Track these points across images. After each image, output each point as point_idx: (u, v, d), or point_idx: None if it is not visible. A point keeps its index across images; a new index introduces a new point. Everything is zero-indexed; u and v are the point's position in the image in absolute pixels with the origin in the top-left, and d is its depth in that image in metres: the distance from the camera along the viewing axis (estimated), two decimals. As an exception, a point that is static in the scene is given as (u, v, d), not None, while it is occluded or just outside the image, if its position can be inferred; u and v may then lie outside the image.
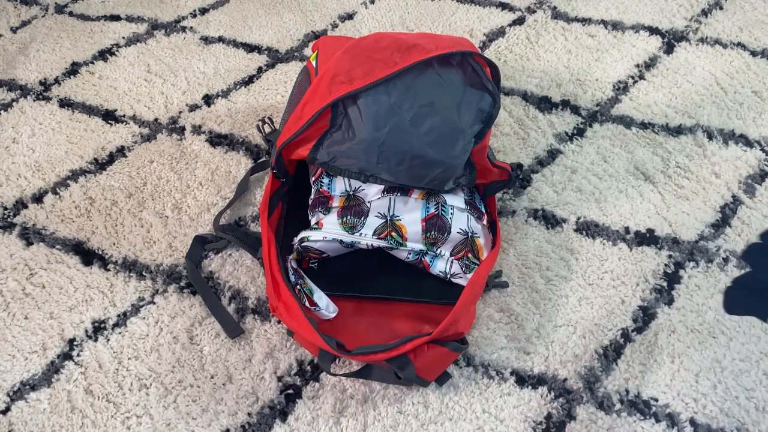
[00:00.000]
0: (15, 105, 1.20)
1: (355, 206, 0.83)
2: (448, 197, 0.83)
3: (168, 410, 0.75)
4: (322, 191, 0.85)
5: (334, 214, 0.83)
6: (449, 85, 0.78)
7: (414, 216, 0.82)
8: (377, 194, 0.83)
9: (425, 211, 0.82)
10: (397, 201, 0.82)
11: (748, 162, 0.99)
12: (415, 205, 0.82)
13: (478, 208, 0.86)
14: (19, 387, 0.78)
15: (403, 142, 0.77)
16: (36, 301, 0.87)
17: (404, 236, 0.82)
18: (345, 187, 0.84)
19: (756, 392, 0.74)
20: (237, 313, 0.84)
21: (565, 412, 0.73)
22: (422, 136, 0.77)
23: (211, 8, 1.44)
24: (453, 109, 0.78)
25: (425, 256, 0.83)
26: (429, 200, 0.83)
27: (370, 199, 0.83)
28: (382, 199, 0.82)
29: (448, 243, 0.82)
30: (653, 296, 0.83)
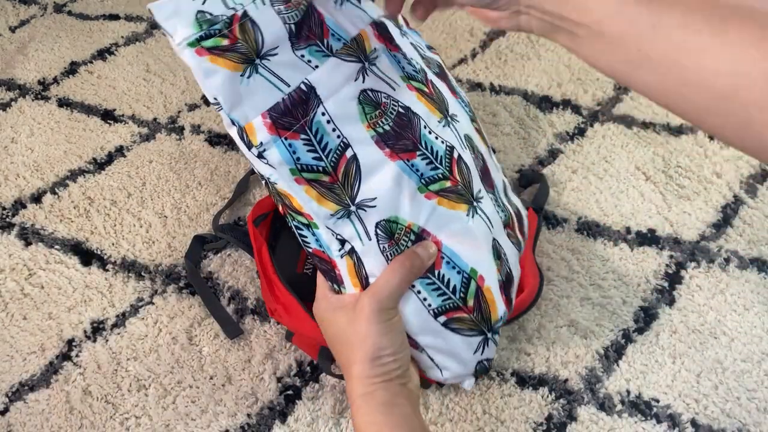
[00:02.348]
0: (14, 104, 1.20)
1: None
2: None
3: (167, 411, 0.75)
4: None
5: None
6: None
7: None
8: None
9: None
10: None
11: (750, 162, 0.99)
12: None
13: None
14: (18, 388, 0.78)
15: None
16: (35, 302, 0.87)
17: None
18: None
19: (758, 393, 0.73)
20: (236, 314, 0.84)
21: (566, 413, 0.73)
22: None
23: (210, 7, 1.44)
24: None
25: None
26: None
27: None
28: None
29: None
30: (654, 296, 0.83)
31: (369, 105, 0.56)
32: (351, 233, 0.57)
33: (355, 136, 0.56)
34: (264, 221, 0.84)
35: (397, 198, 0.57)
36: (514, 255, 0.67)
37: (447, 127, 0.61)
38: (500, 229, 0.65)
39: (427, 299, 0.59)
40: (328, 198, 0.56)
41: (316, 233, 0.59)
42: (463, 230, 0.60)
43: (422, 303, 0.59)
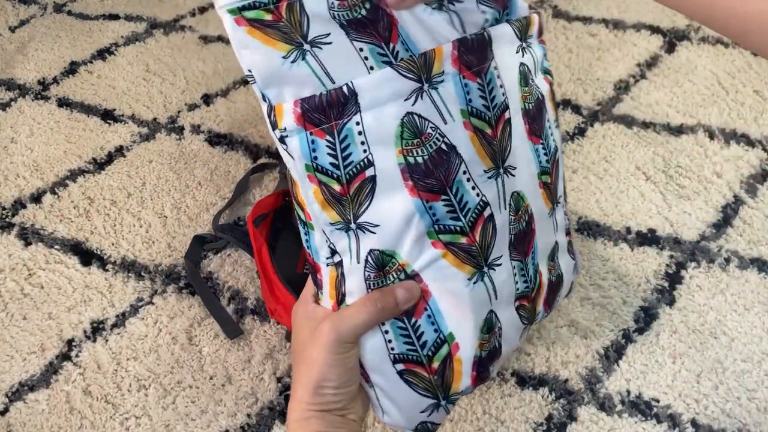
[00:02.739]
0: (13, 104, 1.20)
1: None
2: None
3: (167, 411, 0.75)
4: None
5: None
6: None
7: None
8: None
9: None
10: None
11: (750, 162, 0.99)
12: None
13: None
14: (18, 388, 0.78)
15: None
16: (34, 302, 0.87)
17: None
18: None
19: (758, 393, 0.73)
20: (236, 314, 0.84)
21: (567, 413, 0.73)
22: None
23: (210, 7, 1.44)
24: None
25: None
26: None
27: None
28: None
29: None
30: (655, 296, 0.83)
31: (410, 130, 0.50)
32: (344, 247, 0.53)
33: (382, 157, 0.51)
34: (264, 221, 0.84)
35: (402, 235, 0.52)
36: (516, 329, 0.59)
37: (494, 179, 0.54)
38: (508, 301, 0.57)
39: (392, 342, 0.54)
40: (332, 206, 0.52)
41: (309, 234, 0.55)
42: (459, 293, 0.54)
43: (386, 343, 0.54)
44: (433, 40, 0.51)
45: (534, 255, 0.59)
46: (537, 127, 0.57)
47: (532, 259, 0.59)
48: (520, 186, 0.56)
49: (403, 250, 0.52)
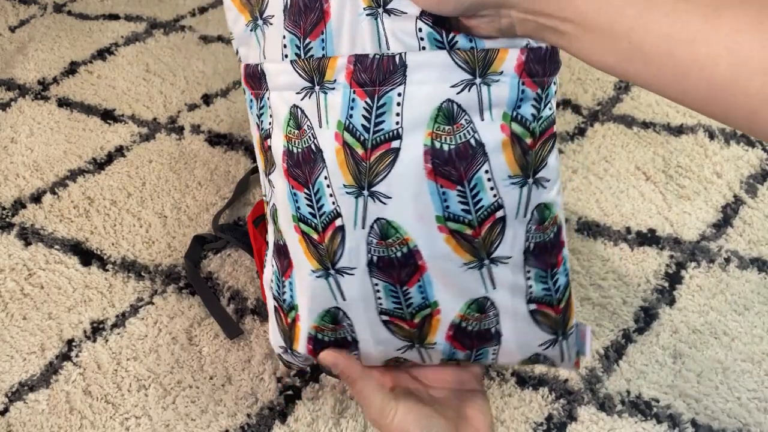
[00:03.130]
0: (13, 104, 1.20)
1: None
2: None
3: (167, 411, 0.75)
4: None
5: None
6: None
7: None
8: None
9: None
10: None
11: (750, 162, 0.99)
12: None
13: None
14: (18, 388, 0.78)
15: None
16: (34, 302, 0.87)
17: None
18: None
19: (758, 393, 0.73)
20: (236, 314, 0.84)
21: (567, 413, 0.73)
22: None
23: (210, 7, 1.44)
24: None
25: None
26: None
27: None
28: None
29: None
30: (655, 296, 0.83)
31: (294, 120, 0.54)
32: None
33: (275, 135, 0.56)
34: (264, 221, 0.84)
35: (275, 212, 0.59)
36: (387, 339, 0.59)
37: (353, 197, 0.54)
38: (366, 309, 0.58)
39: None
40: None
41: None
42: (302, 278, 0.57)
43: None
44: (352, 47, 0.52)
45: (423, 289, 0.57)
46: (453, 171, 0.52)
47: (419, 290, 0.57)
48: (392, 216, 0.54)
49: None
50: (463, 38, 0.50)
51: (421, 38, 0.51)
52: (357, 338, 0.59)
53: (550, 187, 0.55)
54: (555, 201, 0.56)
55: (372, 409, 0.57)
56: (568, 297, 0.59)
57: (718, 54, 0.38)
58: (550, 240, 0.57)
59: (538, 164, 0.54)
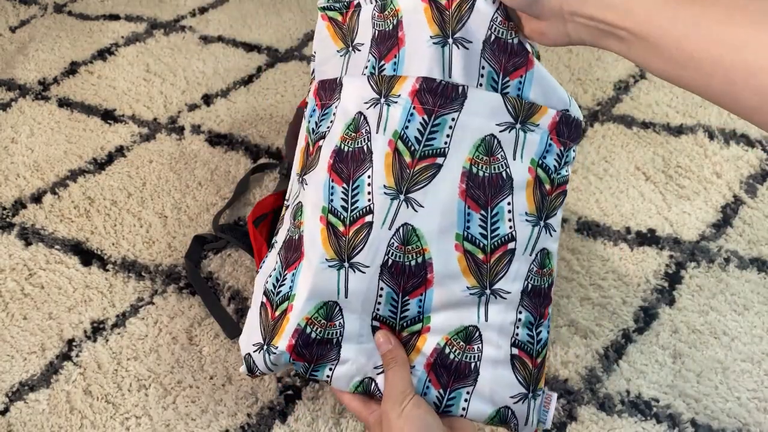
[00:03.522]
0: (14, 104, 1.20)
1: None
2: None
3: (167, 411, 0.75)
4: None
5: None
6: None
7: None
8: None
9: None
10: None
11: (750, 162, 0.99)
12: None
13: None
14: (18, 388, 0.78)
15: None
16: (35, 302, 0.87)
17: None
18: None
19: (758, 393, 0.73)
20: (236, 314, 0.84)
21: (566, 413, 0.73)
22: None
23: (210, 7, 1.44)
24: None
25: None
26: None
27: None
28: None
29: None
30: (654, 296, 0.83)
31: (354, 124, 0.61)
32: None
33: (332, 133, 0.62)
34: (264, 221, 0.84)
35: (307, 199, 0.63)
36: (372, 348, 0.61)
37: (389, 198, 0.59)
38: (362, 311, 0.60)
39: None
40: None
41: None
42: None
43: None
44: (419, 68, 0.59)
45: (423, 303, 0.60)
46: (482, 196, 0.59)
47: (418, 304, 0.60)
48: (419, 224, 0.59)
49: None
50: (513, 86, 0.59)
51: (482, 75, 0.59)
52: (341, 342, 0.61)
53: (555, 237, 0.62)
54: (555, 252, 0.62)
55: (396, 392, 0.58)
56: (545, 355, 0.62)
57: (766, 61, 0.39)
58: (544, 288, 0.61)
59: (551, 211, 0.61)
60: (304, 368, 0.61)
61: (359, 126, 0.60)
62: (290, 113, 1.12)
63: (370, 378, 0.61)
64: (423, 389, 0.60)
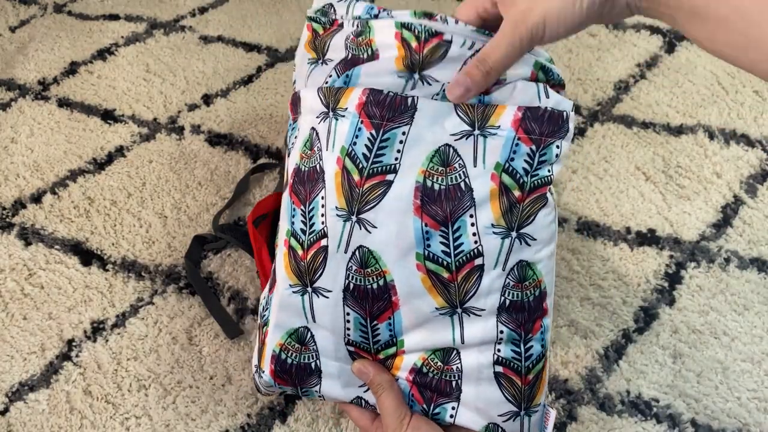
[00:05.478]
0: (13, 104, 1.20)
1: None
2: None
3: (167, 411, 0.75)
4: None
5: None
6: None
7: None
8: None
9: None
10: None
11: (750, 162, 0.99)
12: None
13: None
14: (18, 388, 0.78)
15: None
16: (35, 302, 0.87)
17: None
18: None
19: (758, 393, 0.73)
20: (236, 314, 0.84)
21: (566, 413, 0.73)
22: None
23: (210, 7, 1.44)
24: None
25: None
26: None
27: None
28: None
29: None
30: (654, 296, 0.83)
31: (308, 141, 0.59)
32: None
33: (294, 151, 0.61)
34: (264, 222, 0.84)
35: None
36: (349, 370, 0.61)
37: (342, 220, 0.56)
38: (333, 332, 0.59)
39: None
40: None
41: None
42: (279, 291, 0.59)
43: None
44: (373, 82, 0.56)
45: (393, 326, 0.57)
46: (440, 212, 0.54)
47: (388, 327, 0.58)
48: (374, 246, 0.55)
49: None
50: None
51: (438, 93, 0.56)
52: (320, 366, 0.60)
53: (537, 247, 0.55)
54: (540, 262, 0.56)
55: (393, 419, 0.57)
56: (540, 370, 0.57)
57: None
58: (528, 302, 0.56)
59: (525, 219, 0.55)
60: (293, 391, 0.62)
61: (313, 143, 0.58)
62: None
63: (359, 397, 0.61)
64: (408, 402, 0.59)
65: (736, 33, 0.42)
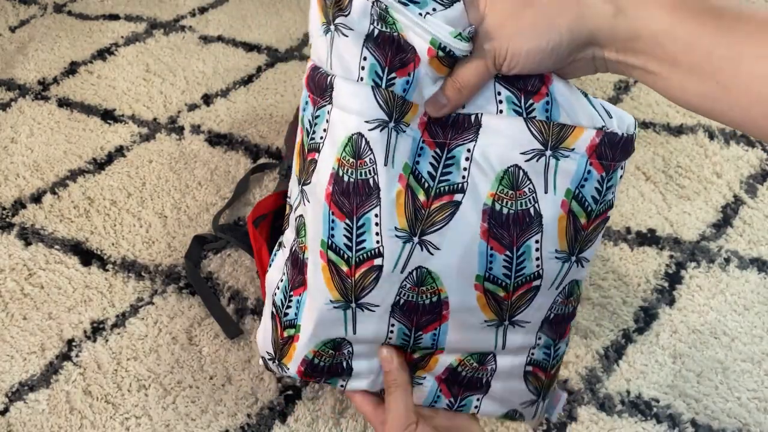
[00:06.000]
0: (13, 104, 1.20)
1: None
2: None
3: (167, 411, 0.75)
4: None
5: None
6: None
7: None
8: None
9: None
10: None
11: (750, 162, 0.99)
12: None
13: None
14: (18, 388, 0.78)
15: None
16: (35, 302, 0.87)
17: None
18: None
19: (758, 393, 0.73)
20: (236, 314, 0.84)
21: (566, 413, 0.73)
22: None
23: (210, 7, 1.44)
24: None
25: None
26: None
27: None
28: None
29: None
30: (655, 296, 0.83)
31: (351, 147, 0.51)
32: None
33: (325, 152, 0.53)
34: (264, 222, 0.84)
35: (301, 230, 0.57)
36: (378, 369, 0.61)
37: (401, 241, 0.53)
38: (373, 341, 0.59)
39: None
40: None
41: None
42: (316, 305, 0.56)
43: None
44: (428, 95, 0.50)
45: (437, 336, 0.57)
46: (506, 236, 0.52)
47: (432, 337, 0.57)
48: (435, 267, 0.53)
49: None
50: (540, 108, 0.50)
51: (500, 101, 0.50)
52: (352, 366, 0.59)
53: (587, 265, 0.56)
54: (584, 278, 0.57)
55: (399, 422, 0.58)
56: (559, 364, 0.60)
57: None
58: (568, 313, 0.57)
59: (586, 244, 0.55)
60: (316, 381, 0.61)
61: (361, 152, 0.51)
62: (290, 113, 1.12)
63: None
64: (434, 398, 0.59)
65: (709, 82, 0.42)
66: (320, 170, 0.53)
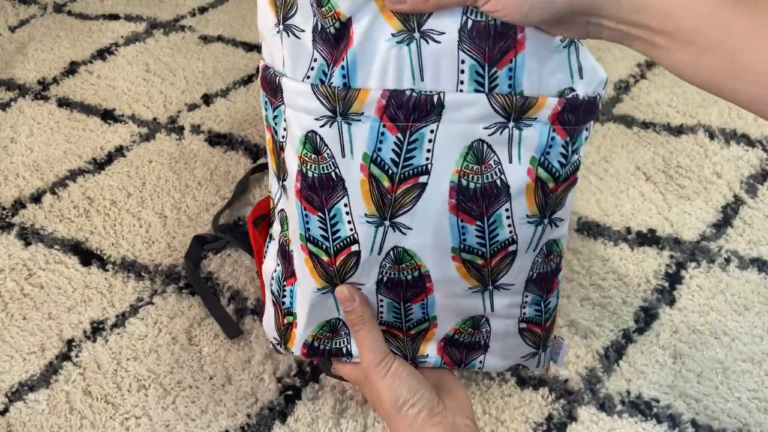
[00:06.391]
0: (13, 104, 1.20)
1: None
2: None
3: (167, 411, 0.75)
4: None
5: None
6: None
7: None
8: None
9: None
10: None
11: (750, 162, 0.99)
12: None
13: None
14: (18, 388, 0.78)
15: None
16: (34, 302, 0.87)
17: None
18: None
19: (758, 393, 0.73)
20: (236, 314, 0.84)
21: (566, 413, 0.73)
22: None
23: (210, 7, 1.44)
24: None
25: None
26: None
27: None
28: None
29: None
30: (655, 296, 0.83)
31: (310, 144, 0.52)
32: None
33: (289, 153, 0.55)
34: (264, 222, 0.84)
35: (293, 226, 0.58)
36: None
37: (373, 226, 0.55)
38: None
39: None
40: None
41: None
42: (306, 294, 0.59)
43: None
44: (383, 78, 0.49)
45: (426, 306, 0.59)
46: (475, 208, 0.53)
47: (421, 307, 0.59)
48: (410, 245, 0.55)
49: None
50: (503, 76, 0.49)
51: (462, 71, 0.49)
52: (351, 351, 0.62)
53: (563, 224, 0.57)
54: (563, 235, 0.58)
55: (369, 358, 0.58)
56: (554, 317, 0.63)
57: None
58: (552, 270, 0.59)
59: (557, 206, 0.55)
60: (322, 356, 0.64)
61: (318, 148, 0.52)
62: (290, 113, 1.12)
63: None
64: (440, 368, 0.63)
65: (724, 59, 0.41)
66: (288, 168, 0.55)
